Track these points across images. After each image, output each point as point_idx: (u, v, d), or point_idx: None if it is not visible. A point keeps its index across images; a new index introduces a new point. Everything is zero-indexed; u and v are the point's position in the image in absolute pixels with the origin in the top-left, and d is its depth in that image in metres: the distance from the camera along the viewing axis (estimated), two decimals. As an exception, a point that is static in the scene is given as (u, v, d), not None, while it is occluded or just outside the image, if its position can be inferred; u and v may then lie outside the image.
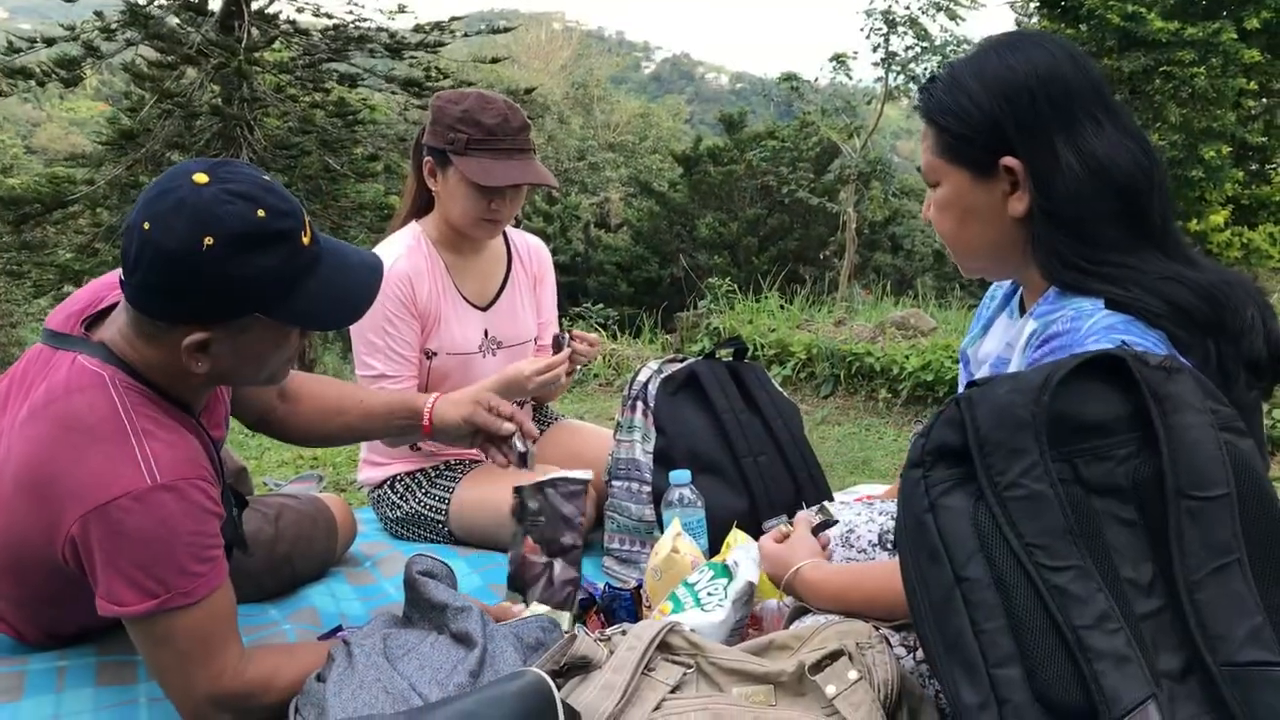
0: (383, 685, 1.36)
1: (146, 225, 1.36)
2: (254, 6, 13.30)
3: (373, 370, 2.40)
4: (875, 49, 11.68)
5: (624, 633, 1.38)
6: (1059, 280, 1.31)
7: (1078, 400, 1.06)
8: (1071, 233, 1.29)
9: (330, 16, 14.23)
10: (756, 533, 1.98)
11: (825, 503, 1.67)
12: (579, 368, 2.49)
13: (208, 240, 1.34)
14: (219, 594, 1.47)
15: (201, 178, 1.38)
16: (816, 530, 1.62)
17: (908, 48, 11.63)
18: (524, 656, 1.48)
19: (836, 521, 1.64)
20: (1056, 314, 1.29)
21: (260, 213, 1.38)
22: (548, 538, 1.94)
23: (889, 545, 1.69)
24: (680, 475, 2.07)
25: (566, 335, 2.42)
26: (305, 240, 1.45)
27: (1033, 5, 11.67)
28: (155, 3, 13.05)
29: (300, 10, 14.06)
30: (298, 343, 1.56)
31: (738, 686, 1.29)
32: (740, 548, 1.73)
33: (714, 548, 2.03)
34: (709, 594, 1.65)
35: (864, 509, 1.80)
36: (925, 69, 11.49)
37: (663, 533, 1.97)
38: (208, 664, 1.46)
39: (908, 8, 11.28)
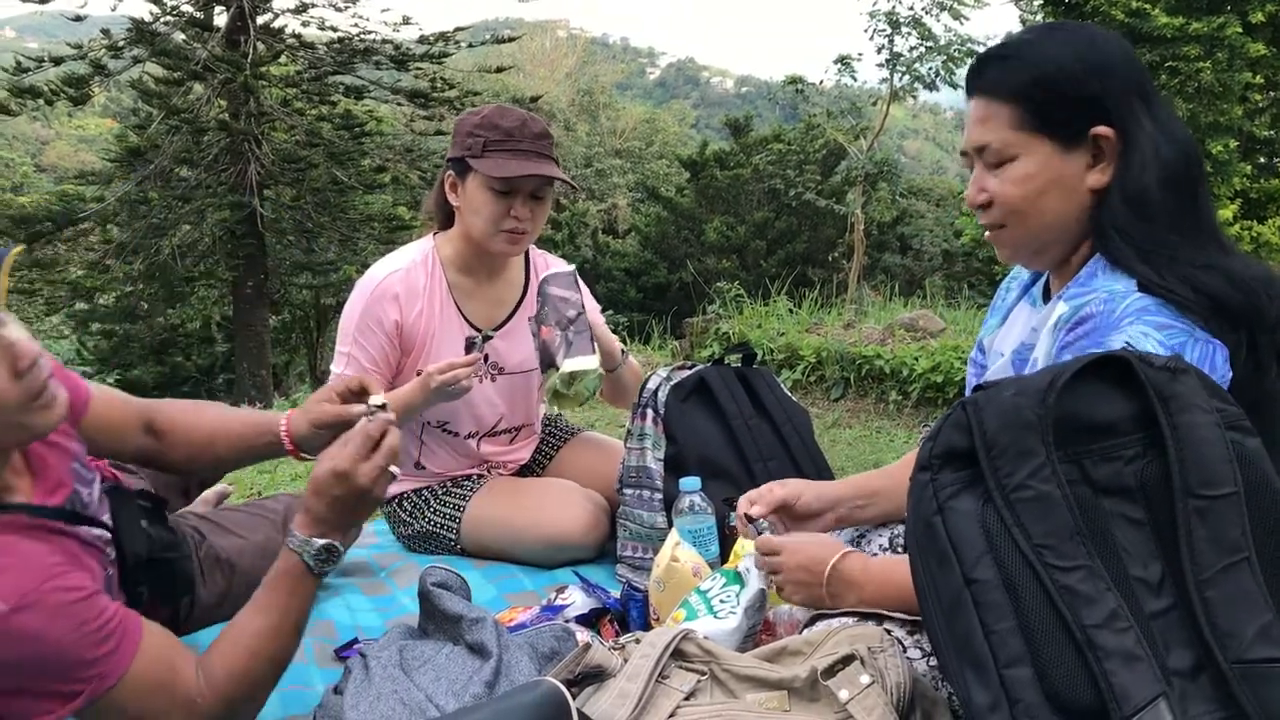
0: (399, 697, 1.37)
1: None
2: (259, 21, 13.37)
3: (337, 376, 2.38)
4: (879, 50, 11.64)
5: (638, 641, 1.39)
6: (1112, 254, 1.35)
7: (1084, 401, 1.07)
8: (1137, 208, 1.34)
9: (335, 29, 14.33)
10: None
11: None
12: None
13: None
14: (143, 645, 1.38)
15: None
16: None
17: (912, 48, 11.61)
18: (539, 666, 1.49)
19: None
20: (1088, 296, 1.32)
21: None
22: (556, 319, 2.18)
23: (899, 549, 1.70)
24: (690, 482, 2.07)
25: (480, 338, 2.39)
26: None
27: (1037, 2, 11.65)
28: (161, 20, 13.15)
29: (305, 24, 14.16)
30: None
31: (751, 693, 1.30)
32: (751, 555, 1.73)
33: (725, 554, 2.04)
34: (722, 601, 1.65)
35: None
36: (930, 68, 11.45)
37: (677, 540, 1.97)
38: (172, 707, 1.40)
39: (911, 8, 11.27)
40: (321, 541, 1.43)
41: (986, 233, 1.47)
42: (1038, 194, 1.39)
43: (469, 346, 2.35)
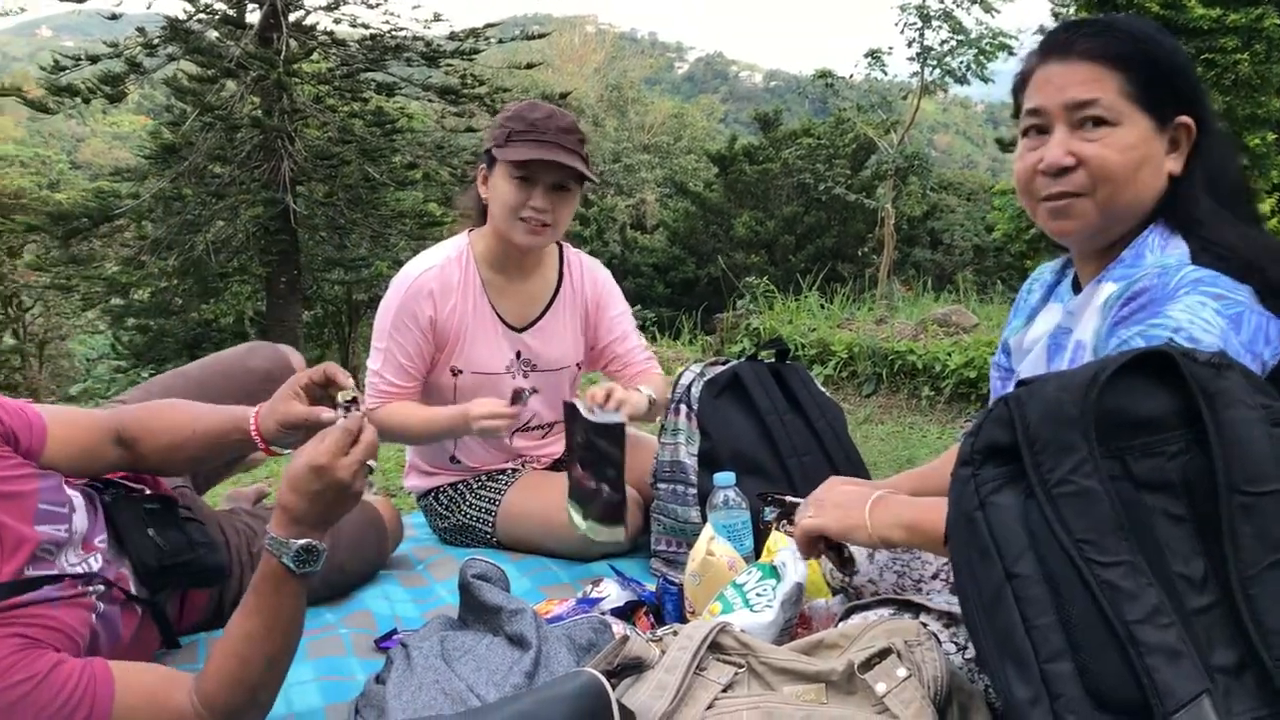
0: (441, 686, 1.39)
1: None
2: (291, 19, 13.48)
3: (374, 373, 2.46)
4: (910, 44, 11.58)
5: (675, 633, 1.40)
6: (1179, 221, 1.39)
7: (1127, 397, 1.06)
8: (1212, 198, 1.38)
9: (367, 27, 14.43)
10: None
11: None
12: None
13: None
14: (118, 695, 1.37)
15: None
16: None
17: (943, 42, 11.54)
18: (577, 658, 1.51)
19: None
20: (1139, 272, 1.34)
21: None
22: (594, 469, 2.15)
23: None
24: (725, 477, 2.08)
25: (528, 391, 2.44)
26: None
27: (1070, -5, 11.53)
28: (195, 18, 13.29)
29: (337, 21, 14.27)
30: None
31: (789, 685, 1.30)
32: (786, 549, 1.74)
33: (758, 549, 2.04)
34: (758, 595, 1.66)
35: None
36: (961, 62, 11.37)
37: (711, 534, 1.98)
38: None
39: (942, 1, 11.19)
40: (300, 542, 1.37)
41: (1050, 203, 1.42)
42: (1136, 166, 1.39)
43: (515, 397, 2.39)
